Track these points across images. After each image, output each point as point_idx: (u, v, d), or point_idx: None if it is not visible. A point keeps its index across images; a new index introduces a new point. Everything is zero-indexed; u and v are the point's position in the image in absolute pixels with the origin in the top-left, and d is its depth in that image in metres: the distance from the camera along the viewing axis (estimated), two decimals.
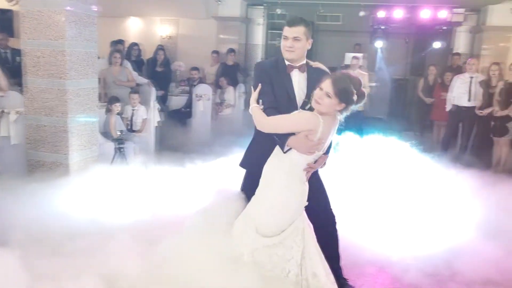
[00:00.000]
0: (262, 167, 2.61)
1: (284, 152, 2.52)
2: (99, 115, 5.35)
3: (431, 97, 8.28)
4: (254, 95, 2.65)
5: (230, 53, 9.25)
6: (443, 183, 5.47)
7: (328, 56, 10.80)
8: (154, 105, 6.53)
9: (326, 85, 2.43)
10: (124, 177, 4.90)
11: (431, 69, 8.42)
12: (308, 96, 2.70)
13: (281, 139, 2.52)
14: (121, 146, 5.27)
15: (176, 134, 7.48)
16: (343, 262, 3.07)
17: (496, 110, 6.54)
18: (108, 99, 5.78)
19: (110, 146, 5.49)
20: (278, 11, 9.93)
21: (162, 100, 7.80)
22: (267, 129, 2.54)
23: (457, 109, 7.09)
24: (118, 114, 5.73)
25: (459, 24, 9.22)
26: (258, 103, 2.65)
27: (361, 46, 10.13)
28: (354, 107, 2.54)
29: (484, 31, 8.95)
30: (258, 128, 2.58)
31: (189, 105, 8.13)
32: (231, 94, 8.68)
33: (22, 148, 5.00)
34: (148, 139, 6.33)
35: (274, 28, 10.82)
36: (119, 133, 5.38)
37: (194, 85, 8.09)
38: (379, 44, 9.15)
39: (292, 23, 2.64)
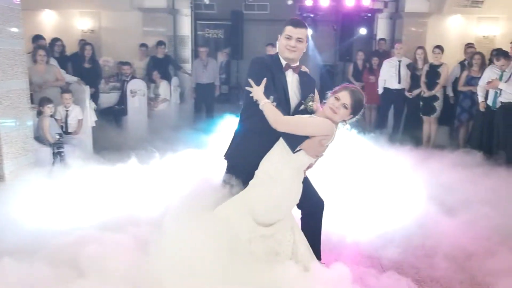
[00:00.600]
0: (248, 162, 2.60)
1: (294, 152, 2.54)
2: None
3: (361, 81, 8.67)
4: (260, 90, 2.59)
5: (160, 45, 8.93)
6: (383, 162, 5.74)
7: (257, 45, 10.87)
8: (90, 104, 6.11)
9: (344, 96, 2.56)
10: (68, 182, 4.55)
11: (360, 54, 8.79)
12: (303, 98, 2.79)
13: (294, 140, 2.53)
14: (60, 150, 4.86)
15: (112, 133, 7.11)
16: None
17: (424, 91, 7.00)
18: (39, 101, 5.29)
19: (46, 151, 5.06)
20: (206, 1, 9.75)
21: (93, 98, 7.33)
22: (284, 128, 2.52)
23: (388, 91, 7.49)
24: (51, 116, 5.27)
25: (380, 11, 9.69)
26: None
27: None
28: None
29: (402, 17, 9.50)
30: (273, 125, 2.52)
31: (122, 102, 7.74)
32: (166, 88, 8.41)
33: None
34: (85, 140, 5.92)
35: (201, 19, 10.65)
36: (57, 137, 4.96)
37: (127, 81, 7.71)
38: (308, 32, 9.33)
39: (297, 24, 2.72)
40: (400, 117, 7.54)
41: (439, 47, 6.97)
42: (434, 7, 9.28)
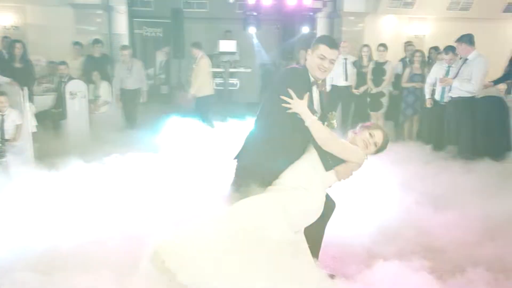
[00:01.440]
0: (263, 167, 2.62)
1: (326, 171, 2.59)
2: None
3: None
4: (304, 104, 2.54)
5: (96, 44, 8.40)
6: None
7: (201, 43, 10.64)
8: (30, 107, 5.54)
9: (378, 135, 2.66)
10: (14, 195, 4.08)
11: (302, 53, 8.89)
12: (323, 114, 2.80)
13: (332, 160, 2.56)
14: (2, 160, 4.34)
15: (51, 139, 6.54)
16: None
17: (371, 88, 7.25)
18: None
19: None
20: None
21: None
22: (331, 149, 2.54)
23: (336, 88, 7.65)
24: None
25: (319, 10, 9.90)
26: None
27: (231, 33, 10.17)
28: None
29: (340, 16, 9.79)
30: (322, 144, 2.52)
31: (59, 104, 7.15)
32: (106, 90, 7.91)
33: None
34: (26, 147, 5.36)
35: (138, 16, 10.17)
36: None
37: (64, 82, 7.12)
38: (252, 30, 9.30)
39: (332, 45, 2.67)
40: (347, 113, 7.74)
41: (383, 45, 7.25)
42: (370, 7, 9.68)
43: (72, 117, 7.01)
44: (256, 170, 2.63)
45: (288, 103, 2.52)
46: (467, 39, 5.41)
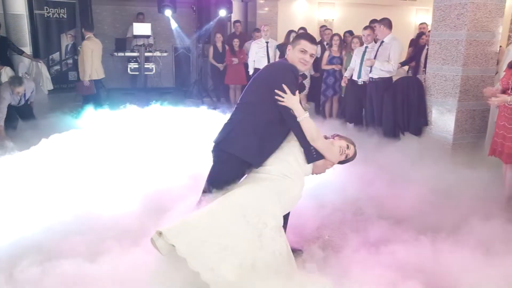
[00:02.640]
0: (245, 155, 2.72)
1: (308, 163, 2.77)
2: None
3: (222, 62, 8.82)
4: (297, 100, 2.66)
5: None
6: None
7: (109, 26, 10.07)
8: None
9: (352, 150, 2.90)
10: None
11: (218, 36, 8.90)
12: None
13: (315, 156, 2.75)
14: None
15: None
16: None
17: None
18: None
19: None
20: None
21: None
22: (317, 146, 2.69)
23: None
24: None
25: None
26: None
27: (144, 15, 9.77)
28: None
29: (254, 0, 9.93)
30: (310, 140, 2.66)
31: None
32: (10, 75, 7.13)
33: None
34: None
35: None
36: None
37: None
38: (168, 13, 8.99)
39: (312, 40, 2.86)
40: None
41: (303, 28, 7.53)
42: None
43: None
44: (243, 157, 2.71)
45: (282, 97, 2.63)
46: (387, 22, 5.86)
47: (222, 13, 9.15)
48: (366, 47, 6.33)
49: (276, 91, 2.64)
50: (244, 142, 2.73)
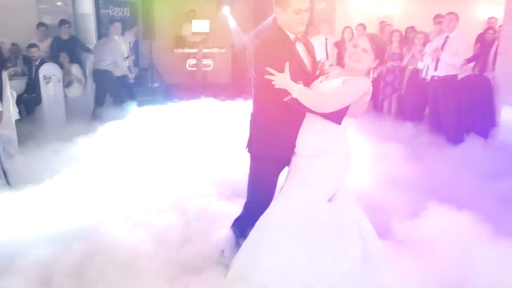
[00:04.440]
0: (277, 149, 2.61)
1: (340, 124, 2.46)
2: None
3: None
4: (286, 76, 2.38)
5: (64, 25, 7.96)
6: None
7: (169, 24, 10.35)
8: (12, 94, 5.18)
9: (363, 41, 2.45)
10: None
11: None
12: (316, 64, 2.68)
13: (338, 115, 2.41)
14: None
15: (29, 125, 6.21)
16: None
17: None
18: None
19: None
20: None
21: None
22: (330, 109, 2.38)
23: None
24: None
25: None
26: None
27: (195, 12, 9.87)
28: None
29: None
30: (319, 110, 2.39)
31: (32, 89, 6.76)
32: (78, 73, 7.55)
33: None
34: (11, 136, 5.04)
35: None
36: None
37: (36, 65, 6.73)
38: (226, 10, 9.14)
39: None
40: None
41: (362, 25, 7.37)
42: None
43: (47, 102, 6.66)
44: (274, 152, 2.60)
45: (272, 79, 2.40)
46: (455, 17, 5.62)
47: None
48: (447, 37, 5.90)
49: (265, 76, 2.40)
50: (258, 139, 2.63)
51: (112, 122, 6.41)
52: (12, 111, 5.15)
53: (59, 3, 8.85)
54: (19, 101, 6.62)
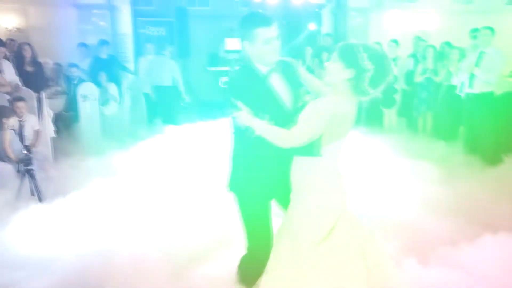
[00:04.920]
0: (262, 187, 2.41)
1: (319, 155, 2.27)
2: None
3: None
4: (244, 114, 2.23)
5: (103, 45, 8.27)
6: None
7: (203, 42, 10.57)
8: (48, 112, 5.44)
9: (335, 53, 2.25)
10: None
11: (308, 49, 8.87)
12: (296, 92, 2.49)
13: (314, 146, 2.22)
14: (29, 168, 4.25)
15: (66, 142, 6.45)
16: None
17: None
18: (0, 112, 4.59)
19: (7, 169, 4.41)
20: None
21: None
22: (299, 141, 2.17)
23: None
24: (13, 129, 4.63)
25: (323, 6, 9.88)
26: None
27: (234, 31, 10.06)
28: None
29: (345, 12, 9.78)
30: (287, 146, 2.19)
31: (71, 107, 7.05)
32: (114, 92, 7.81)
33: None
34: (46, 153, 5.27)
35: (141, 15, 10.04)
36: (24, 152, 4.32)
37: (75, 84, 7.02)
38: None
39: (268, 22, 2.27)
40: (359, 110, 7.69)
41: (394, 40, 7.24)
42: (374, 2, 9.68)
43: (84, 119, 6.91)
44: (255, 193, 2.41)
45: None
46: (493, 32, 5.44)
47: (312, 26, 9.15)
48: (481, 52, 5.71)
49: (232, 115, 2.26)
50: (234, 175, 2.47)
51: (146, 140, 6.63)
52: (48, 129, 5.39)
53: (101, 23, 9.20)
54: (59, 118, 6.96)
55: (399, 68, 7.16)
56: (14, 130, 4.77)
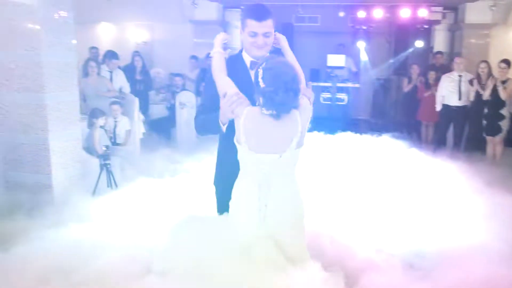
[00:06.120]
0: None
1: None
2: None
3: (415, 96, 8.20)
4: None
5: (210, 58, 8.91)
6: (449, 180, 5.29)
7: (309, 58, 10.66)
8: (139, 116, 6.13)
9: None
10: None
11: (414, 68, 8.36)
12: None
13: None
14: (107, 162, 4.86)
15: (160, 145, 7.13)
16: None
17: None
18: (90, 112, 5.35)
19: (95, 162, 5.07)
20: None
21: (143, 109, 7.42)
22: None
23: (447, 108, 7.02)
24: (102, 127, 5.33)
25: (437, 22, 9.22)
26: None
27: (344, 46, 9.96)
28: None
29: (462, 29, 8.98)
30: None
31: (170, 112, 7.77)
32: None
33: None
34: (134, 152, 5.93)
35: None
36: (104, 148, 4.97)
37: (177, 92, 7.72)
38: (361, 44, 9.04)
39: (260, 16, 2.26)
40: (460, 137, 7.02)
41: (505, 61, 6.44)
42: (498, 18, 8.70)
43: (180, 125, 7.54)
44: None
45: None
46: None
47: (419, 44, 8.62)
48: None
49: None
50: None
51: None
52: (137, 131, 6.05)
53: (212, 38, 9.93)
54: (160, 123, 7.72)
55: (507, 91, 6.33)
56: (105, 129, 5.47)
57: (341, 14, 9.29)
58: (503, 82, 6.38)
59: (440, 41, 9.30)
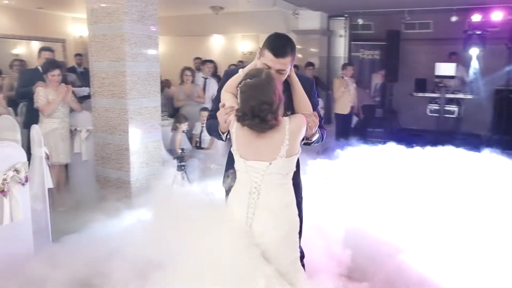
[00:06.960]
0: None
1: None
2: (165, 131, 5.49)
3: None
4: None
5: (308, 66, 8.99)
6: None
7: (417, 66, 10.03)
8: None
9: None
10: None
11: None
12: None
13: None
14: (182, 164, 5.25)
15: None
16: None
17: None
18: (176, 117, 5.86)
19: (175, 163, 5.52)
20: (360, 21, 9.43)
21: None
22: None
23: None
24: (184, 131, 5.77)
25: None
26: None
27: (457, 55, 9.13)
28: None
29: None
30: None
31: None
32: None
33: (92, 164, 5.26)
34: (215, 155, 6.28)
35: (356, 39, 10.33)
36: (179, 151, 5.38)
37: None
38: (474, 51, 8.17)
39: (278, 53, 2.22)
40: None
41: None
42: None
43: None
44: None
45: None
46: None
47: None
48: None
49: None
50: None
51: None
52: None
53: (315, 47, 9.97)
54: None
55: None
56: (192, 133, 5.91)
57: (454, 18, 8.53)
58: None
59: None
